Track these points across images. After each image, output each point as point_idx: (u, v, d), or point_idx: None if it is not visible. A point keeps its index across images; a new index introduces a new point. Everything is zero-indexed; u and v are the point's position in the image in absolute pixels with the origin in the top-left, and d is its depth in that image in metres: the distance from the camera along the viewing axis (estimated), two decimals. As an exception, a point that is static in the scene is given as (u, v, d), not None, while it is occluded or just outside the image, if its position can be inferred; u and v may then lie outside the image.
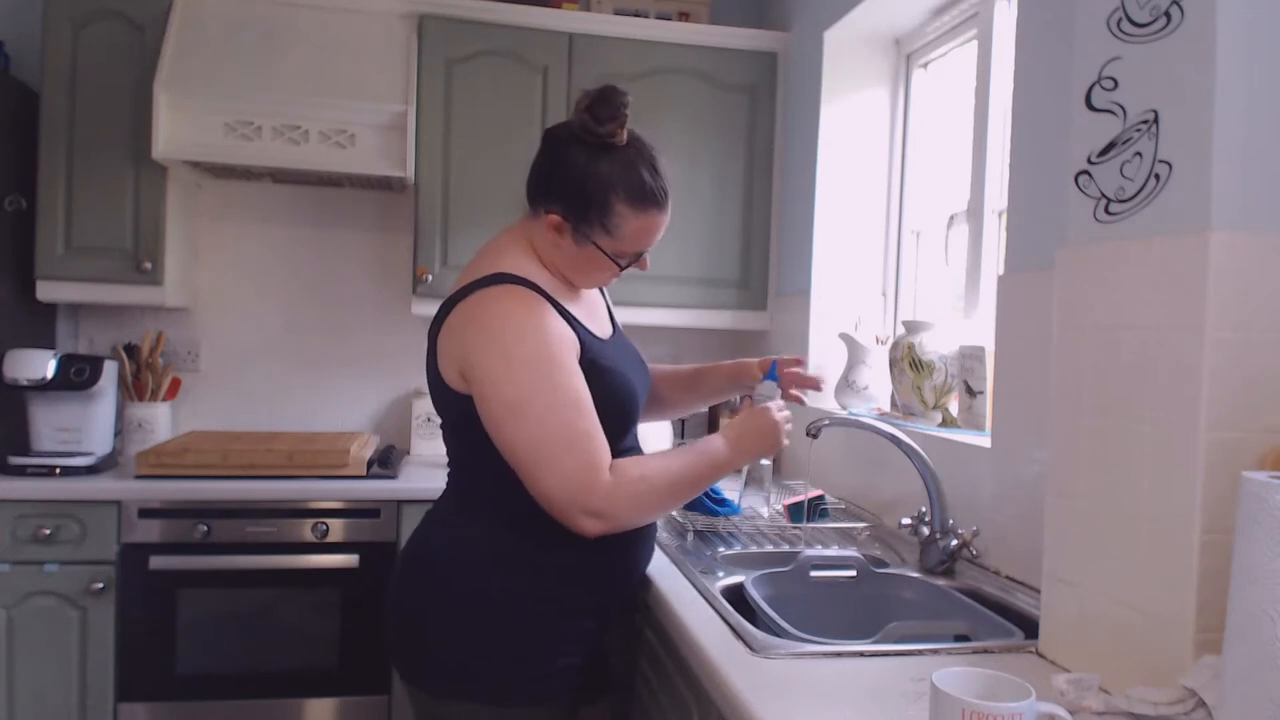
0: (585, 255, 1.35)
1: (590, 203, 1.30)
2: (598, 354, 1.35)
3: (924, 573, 1.59)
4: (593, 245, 1.33)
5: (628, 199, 1.30)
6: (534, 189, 1.36)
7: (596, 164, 1.29)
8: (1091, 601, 1.09)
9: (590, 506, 1.21)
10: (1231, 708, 0.82)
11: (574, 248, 1.34)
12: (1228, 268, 0.94)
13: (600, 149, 1.29)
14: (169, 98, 2.28)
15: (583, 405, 1.24)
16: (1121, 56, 1.07)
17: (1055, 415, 1.17)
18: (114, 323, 2.72)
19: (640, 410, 1.46)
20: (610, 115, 1.27)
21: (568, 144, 1.31)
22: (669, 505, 1.33)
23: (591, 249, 1.33)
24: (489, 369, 1.23)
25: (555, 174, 1.32)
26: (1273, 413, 0.96)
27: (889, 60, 2.51)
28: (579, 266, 1.37)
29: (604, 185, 1.29)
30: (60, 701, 2.15)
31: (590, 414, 1.25)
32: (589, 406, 1.25)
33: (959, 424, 1.89)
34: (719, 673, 1.10)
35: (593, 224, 1.31)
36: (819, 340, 2.49)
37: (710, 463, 1.33)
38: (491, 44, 2.55)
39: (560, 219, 1.31)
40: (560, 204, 1.31)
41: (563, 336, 1.28)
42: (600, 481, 1.22)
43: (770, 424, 1.38)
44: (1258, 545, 0.80)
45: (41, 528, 2.13)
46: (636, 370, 1.48)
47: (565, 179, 1.30)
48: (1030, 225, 1.57)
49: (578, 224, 1.31)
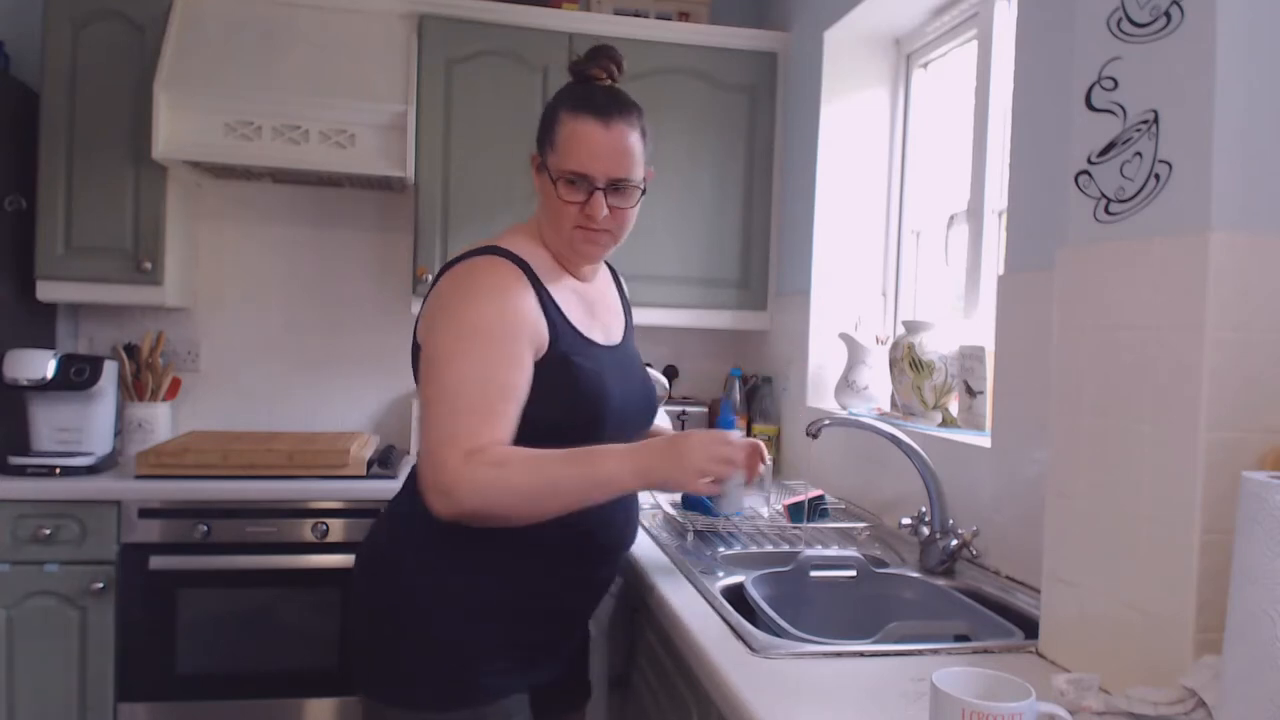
0: (543, 190, 1.33)
1: (546, 119, 1.33)
2: (577, 352, 1.29)
3: (924, 573, 1.59)
4: (545, 170, 1.32)
5: (570, 107, 1.31)
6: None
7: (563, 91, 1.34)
8: (1091, 601, 1.09)
9: (439, 482, 1.12)
10: (1231, 708, 0.82)
11: (540, 186, 1.34)
12: (1228, 268, 0.94)
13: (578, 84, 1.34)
14: (169, 98, 2.28)
15: (492, 386, 1.16)
16: (1121, 56, 1.07)
17: (1055, 415, 1.17)
18: (114, 323, 2.72)
19: (622, 426, 1.34)
20: (597, 56, 1.33)
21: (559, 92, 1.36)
22: (528, 509, 1.16)
23: (545, 176, 1.32)
24: (431, 329, 1.22)
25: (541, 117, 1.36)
26: (1273, 413, 0.96)
27: (889, 60, 2.51)
28: (545, 209, 1.34)
29: (558, 100, 1.33)
30: (60, 701, 2.15)
31: (500, 399, 1.17)
32: (502, 390, 1.17)
33: (959, 424, 1.89)
34: (719, 673, 1.10)
35: (543, 142, 1.33)
36: (819, 340, 2.49)
37: (595, 480, 1.17)
38: (491, 44, 2.55)
39: (534, 154, 1.35)
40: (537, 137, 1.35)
41: (520, 317, 1.22)
42: (454, 458, 1.11)
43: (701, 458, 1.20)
44: (1258, 545, 0.80)
45: (41, 528, 2.13)
46: (628, 386, 1.38)
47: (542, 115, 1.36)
48: (1030, 225, 1.57)
49: (541, 149, 1.34)
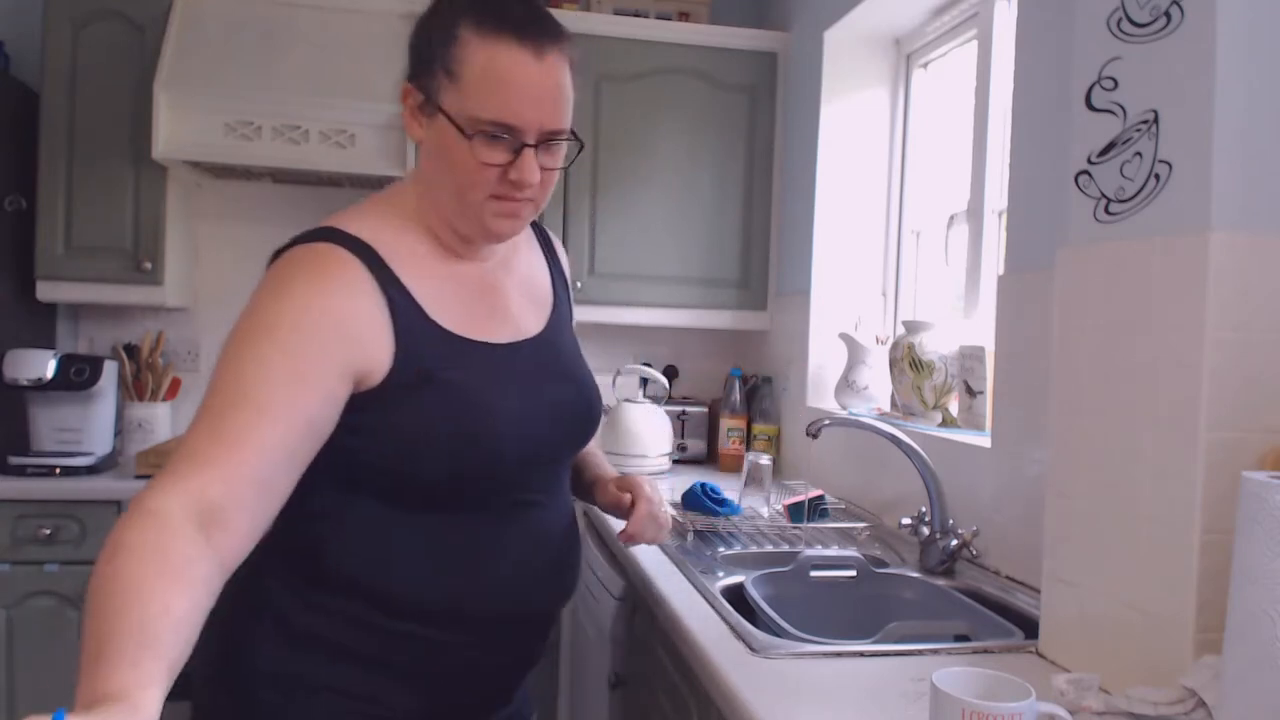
0: (438, 139, 0.97)
1: (432, 38, 0.96)
2: (445, 362, 0.97)
3: (924, 573, 1.59)
4: (440, 114, 0.95)
5: (480, 20, 0.94)
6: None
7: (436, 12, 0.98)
8: (1091, 601, 1.09)
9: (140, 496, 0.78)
10: (1231, 708, 0.82)
11: (430, 135, 0.98)
12: (1228, 268, 0.94)
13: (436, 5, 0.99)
14: (169, 98, 2.28)
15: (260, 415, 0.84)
16: (1121, 56, 1.07)
17: (1055, 415, 1.17)
18: (114, 323, 2.72)
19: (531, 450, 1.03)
20: None
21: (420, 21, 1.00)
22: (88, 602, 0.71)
23: (441, 122, 0.95)
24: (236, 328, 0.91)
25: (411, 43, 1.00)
26: (1273, 413, 0.95)
27: (889, 60, 2.51)
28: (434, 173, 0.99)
29: (451, 12, 0.96)
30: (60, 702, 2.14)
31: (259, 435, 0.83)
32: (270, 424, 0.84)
33: (959, 424, 1.89)
34: (719, 673, 1.10)
35: (435, 70, 0.95)
36: (819, 340, 2.49)
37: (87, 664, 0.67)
38: (491, 44, 2.54)
39: (412, 88, 0.98)
40: (410, 64, 0.99)
41: (329, 324, 0.91)
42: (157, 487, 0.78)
43: None
44: (1258, 545, 0.80)
45: (41, 528, 2.13)
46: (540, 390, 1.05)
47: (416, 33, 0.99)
48: (1030, 225, 1.57)
49: (423, 78, 0.97)
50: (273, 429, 0.84)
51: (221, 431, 0.82)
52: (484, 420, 0.98)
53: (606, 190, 2.62)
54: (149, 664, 0.65)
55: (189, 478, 0.79)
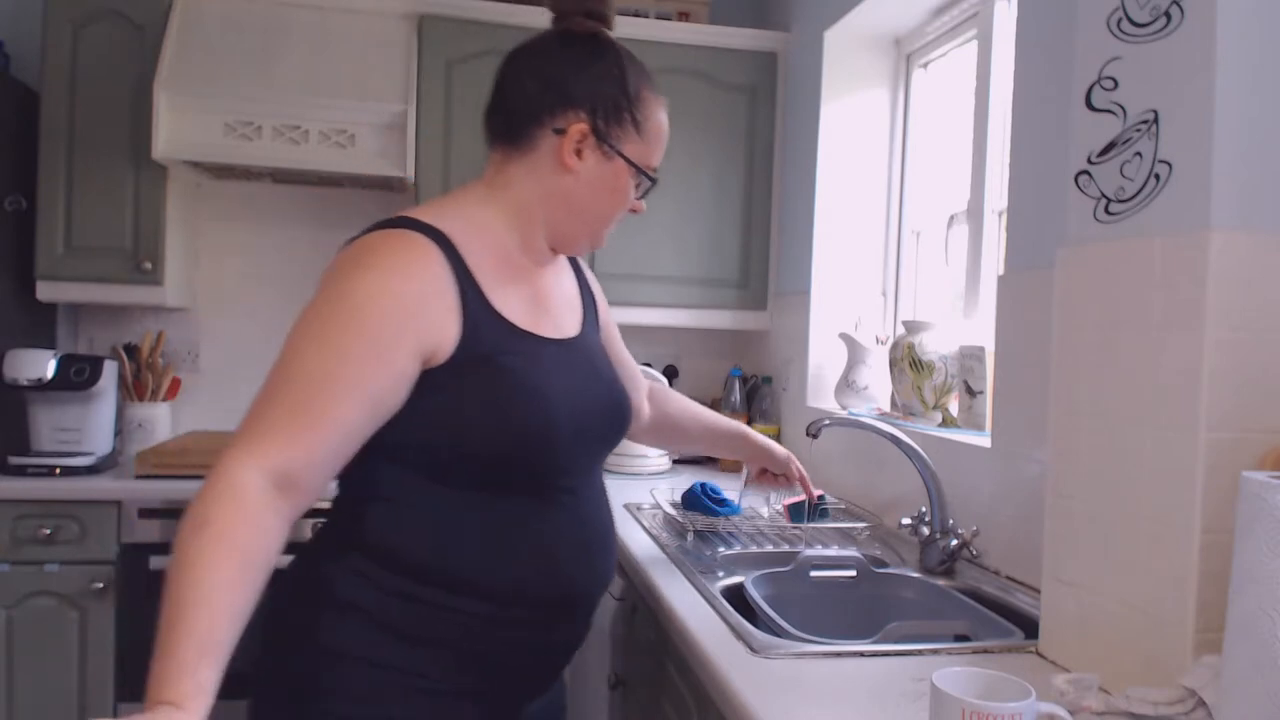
0: (602, 177, 1.10)
1: (623, 91, 1.09)
2: (506, 349, 1.04)
3: (924, 573, 1.59)
4: (619, 157, 1.10)
5: (649, 83, 1.12)
6: (528, 109, 1.09)
7: (610, 54, 1.10)
8: (1091, 601, 1.09)
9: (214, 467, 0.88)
10: (1231, 708, 0.82)
11: (593, 165, 1.10)
12: (1228, 268, 0.94)
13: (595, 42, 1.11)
14: (169, 98, 2.28)
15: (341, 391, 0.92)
16: (1121, 56, 1.07)
17: (1055, 415, 1.17)
18: (114, 323, 2.72)
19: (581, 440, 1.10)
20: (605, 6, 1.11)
21: (564, 46, 1.10)
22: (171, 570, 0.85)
23: (617, 163, 1.10)
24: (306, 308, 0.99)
25: (569, 75, 1.08)
26: (1273, 413, 0.96)
27: (889, 60, 2.51)
28: (587, 199, 1.11)
29: (629, 72, 1.10)
30: (60, 701, 2.15)
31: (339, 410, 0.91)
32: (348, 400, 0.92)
33: (959, 424, 1.89)
34: (719, 673, 1.10)
35: (622, 121, 1.09)
36: (819, 340, 2.49)
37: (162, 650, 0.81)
38: (491, 44, 2.55)
39: (586, 126, 1.08)
40: (585, 106, 1.08)
41: (407, 305, 0.97)
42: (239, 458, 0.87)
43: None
44: (1258, 545, 0.80)
45: (41, 528, 2.13)
46: (585, 386, 1.13)
47: (588, 74, 1.08)
48: (1030, 225, 1.57)
49: (608, 124, 1.09)
50: (350, 407, 0.92)
51: (303, 407, 0.90)
52: (538, 403, 1.04)
53: (606, 190, 2.62)
54: (206, 672, 0.78)
55: (272, 453, 0.88)
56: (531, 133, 1.09)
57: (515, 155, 1.11)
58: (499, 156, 1.13)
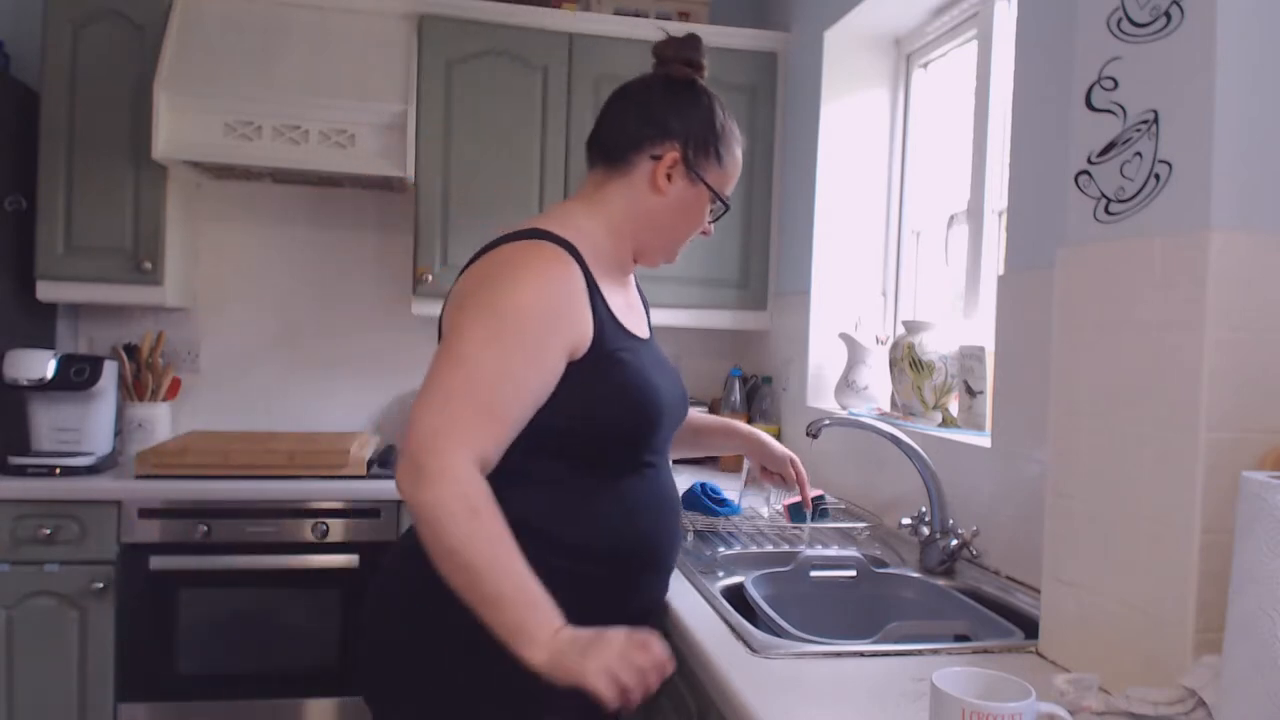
0: (686, 200, 1.27)
1: (712, 129, 1.27)
2: (623, 347, 1.21)
3: (924, 573, 1.59)
4: (702, 183, 1.27)
5: (733, 127, 1.30)
6: (630, 137, 1.26)
7: (704, 97, 1.28)
8: (1091, 601, 1.09)
9: (426, 465, 1.00)
10: (1231, 708, 0.82)
11: (680, 190, 1.27)
12: (1228, 268, 0.95)
13: (691, 86, 1.28)
14: (169, 98, 2.28)
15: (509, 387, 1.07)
16: (1121, 56, 1.07)
17: (1055, 415, 1.17)
18: (114, 323, 2.72)
19: (669, 422, 1.29)
20: (702, 53, 1.29)
21: (665, 86, 1.28)
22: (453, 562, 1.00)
23: (700, 189, 1.28)
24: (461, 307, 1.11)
25: (668, 110, 1.26)
26: (1273, 413, 0.96)
27: (889, 60, 2.51)
28: (670, 219, 1.28)
29: (717, 113, 1.28)
30: (60, 701, 2.15)
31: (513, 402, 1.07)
32: (521, 395, 1.08)
33: (959, 424, 1.89)
34: (719, 673, 1.10)
35: (707, 153, 1.26)
36: (819, 340, 2.49)
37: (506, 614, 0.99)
38: (491, 44, 2.55)
39: (678, 155, 1.25)
40: (679, 138, 1.25)
41: (560, 311, 1.13)
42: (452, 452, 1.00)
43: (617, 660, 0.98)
44: (1258, 545, 0.80)
45: (41, 528, 2.13)
46: (668, 379, 1.31)
47: (682, 110, 1.26)
48: (1030, 225, 1.57)
49: (695, 154, 1.26)
50: (524, 402, 1.09)
51: (489, 406, 1.06)
52: (651, 392, 1.22)
53: (606, 190, 2.62)
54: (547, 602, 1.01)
55: (475, 445, 1.04)
56: (631, 157, 1.26)
57: (615, 176, 1.27)
58: (600, 176, 1.29)
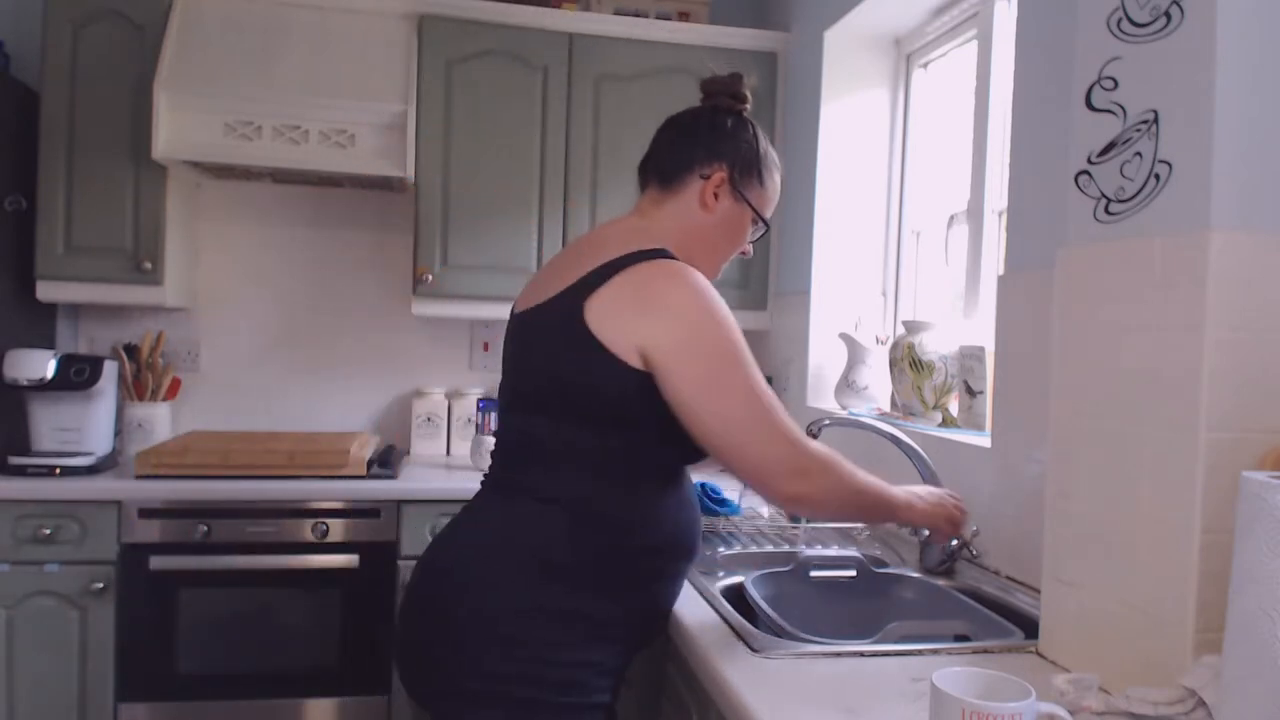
0: (731, 217, 1.36)
1: (755, 154, 1.37)
2: None
3: (924, 573, 1.59)
4: (745, 203, 1.36)
5: (773, 155, 1.41)
6: (682, 159, 1.36)
7: (749, 127, 1.39)
8: (1091, 601, 1.09)
9: (800, 464, 1.20)
10: (1231, 708, 0.82)
11: (726, 208, 1.36)
12: (1228, 268, 0.94)
13: (737, 117, 1.38)
14: (169, 98, 2.28)
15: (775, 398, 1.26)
16: (1121, 56, 1.07)
17: (1055, 415, 1.17)
18: (114, 323, 2.73)
19: None
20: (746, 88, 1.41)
21: (713, 116, 1.38)
22: (850, 504, 1.29)
23: (743, 208, 1.37)
24: (703, 335, 1.20)
25: (716, 136, 1.36)
26: (1273, 413, 0.96)
27: (889, 60, 2.51)
28: (717, 236, 1.37)
29: (760, 142, 1.39)
30: (60, 701, 2.15)
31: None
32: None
33: (959, 424, 1.89)
34: (719, 673, 1.10)
35: (751, 175, 1.36)
36: (819, 340, 2.49)
37: (883, 499, 1.32)
38: (491, 44, 2.55)
39: (725, 176, 1.35)
40: (727, 160, 1.35)
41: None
42: (808, 442, 1.22)
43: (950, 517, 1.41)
44: (1258, 545, 0.80)
45: (41, 528, 2.13)
46: None
47: (730, 136, 1.37)
48: (1030, 225, 1.57)
49: (741, 175, 1.35)
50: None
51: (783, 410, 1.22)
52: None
53: (606, 190, 2.62)
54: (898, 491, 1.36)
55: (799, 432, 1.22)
56: (683, 178, 1.35)
57: (668, 196, 1.36)
58: (655, 195, 1.37)
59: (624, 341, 1.18)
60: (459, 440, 2.83)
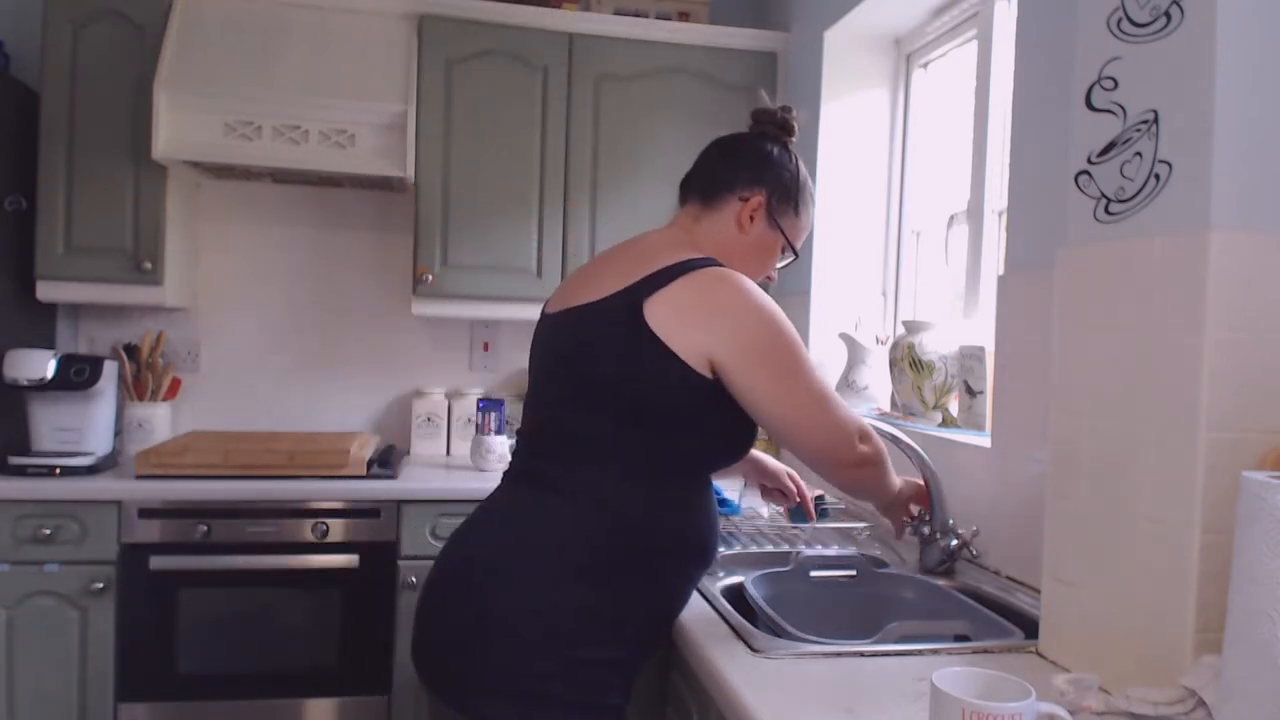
0: (764, 241, 1.41)
1: (794, 183, 1.41)
2: None
3: (924, 573, 1.59)
4: (778, 229, 1.40)
5: (811, 189, 1.45)
6: (724, 180, 1.41)
7: (792, 158, 1.44)
8: (1091, 601, 1.09)
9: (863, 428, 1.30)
10: (1231, 708, 0.82)
11: (760, 231, 1.40)
12: (1228, 268, 0.94)
13: (783, 147, 1.43)
14: (169, 98, 2.28)
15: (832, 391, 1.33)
16: (1121, 56, 1.07)
17: (1055, 415, 1.17)
18: (114, 323, 2.72)
19: None
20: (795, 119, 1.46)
21: (759, 142, 1.43)
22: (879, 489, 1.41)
23: (775, 233, 1.41)
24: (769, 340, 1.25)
25: (760, 162, 1.41)
26: (1273, 413, 0.96)
27: (889, 60, 2.51)
28: (748, 256, 1.40)
29: (800, 174, 1.43)
30: (60, 701, 2.15)
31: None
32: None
33: (959, 424, 1.89)
34: (719, 673, 1.10)
35: (788, 204, 1.41)
36: (819, 340, 2.49)
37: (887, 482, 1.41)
38: (491, 44, 2.55)
39: (763, 200, 1.39)
40: (766, 186, 1.40)
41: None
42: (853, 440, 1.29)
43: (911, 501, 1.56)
44: (1258, 545, 0.80)
45: (41, 528, 2.13)
46: None
47: (773, 164, 1.41)
48: (1030, 225, 1.57)
49: (778, 202, 1.40)
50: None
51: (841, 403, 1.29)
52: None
53: (606, 190, 2.62)
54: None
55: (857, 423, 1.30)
56: (724, 197, 1.39)
57: (707, 213, 1.40)
58: (695, 211, 1.41)
59: (689, 346, 1.21)
60: (459, 440, 2.83)
